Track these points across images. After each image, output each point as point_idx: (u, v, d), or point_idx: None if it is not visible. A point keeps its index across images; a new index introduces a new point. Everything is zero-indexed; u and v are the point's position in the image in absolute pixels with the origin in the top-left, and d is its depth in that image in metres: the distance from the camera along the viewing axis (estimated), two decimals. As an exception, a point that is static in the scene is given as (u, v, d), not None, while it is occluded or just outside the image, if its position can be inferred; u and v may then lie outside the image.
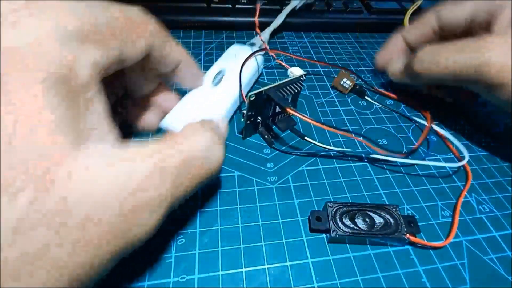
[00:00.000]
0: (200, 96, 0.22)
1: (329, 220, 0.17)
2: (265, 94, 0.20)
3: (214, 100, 0.22)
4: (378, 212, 0.18)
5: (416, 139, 0.24)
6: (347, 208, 0.18)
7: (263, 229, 0.18)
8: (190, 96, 0.22)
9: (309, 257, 0.17)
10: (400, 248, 0.18)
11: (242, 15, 0.35)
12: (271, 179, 0.21)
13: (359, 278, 0.16)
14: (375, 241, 0.17)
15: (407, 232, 0.17)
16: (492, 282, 0.16)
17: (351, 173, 0.21)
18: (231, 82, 0.23)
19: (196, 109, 0.21)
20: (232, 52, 0.27)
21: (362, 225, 0.17)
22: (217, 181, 0.20)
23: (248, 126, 0.22)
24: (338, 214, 0.18)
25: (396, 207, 0.18)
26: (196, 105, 0.21)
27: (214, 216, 0.18)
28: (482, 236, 0.18)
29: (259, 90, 0.20)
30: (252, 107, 0.20)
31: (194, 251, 0.17)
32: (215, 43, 0.34)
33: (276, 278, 0.16)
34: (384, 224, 0.17)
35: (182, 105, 0.21)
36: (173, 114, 0.20)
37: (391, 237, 0.17)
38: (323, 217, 0.18)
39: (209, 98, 0.22)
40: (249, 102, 0.20)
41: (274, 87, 0.20)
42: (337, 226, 0.17)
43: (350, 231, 0.17)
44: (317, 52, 0.34)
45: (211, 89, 0.23)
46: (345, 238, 0.17)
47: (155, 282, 0.15)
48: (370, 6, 0.38)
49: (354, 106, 0.27)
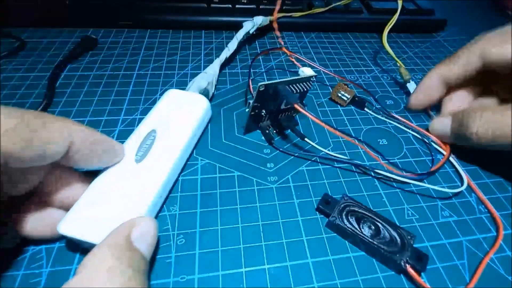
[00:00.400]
0: (115, 180, 0.16)
1: (336, 208, 0.18)
2: (276, 87, 0.20)
3: (135, 185, 0.16)
4: (388, 228, 0.17)
5: (416, 139, 0.24)
6: (360, 209, 0.18)
7: (263, 229, 0.18)
8: (101, 179, 0.16)
9: (309, 257, 0.17)
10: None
11: (242, 15, 0.35)
12: (271, 179, 0.21)
13: (359, 278, 0.16)
14: (370, 249, 0.17)
15: (408, 263, 0.16)
16: (492, 282, 0.16)
17: (351, 173, 0.21)
18: (163, 152, 0.18)
19: (107, 203, 0.15)
20: (166, 103, 0.21)
21: (366, 231, 0.17)
22: (217, 181, 0.20)
23: (251, 117, 0.21)
24: (347, 209, 0.18)
25: (412, 237, 0.17)
26: (108, 196, 0.15)
27: (214, 216, 0.18)
28: (482, 236, 0.18)
29: (270, 82, 0.19)
30: (260, 98, 0.20)
31: (194, 251, 0.17)
32: (215, 43, 0.34)
33: (276, 278, 0.16)
34: (389, 241, 0.17)
35: (88, 197, 0.15)
36: (72, 215, 0.15)
37: (388, 255, 0.16)
38: (333, 203, 0.18)
39: (128, 183, 0.16)
40: (258, 93, 0.19)
41: (285, 82, 0.20)
42: (339, 216, 0.17)
43: (350, 228, 0.17)
44: (317, 52, 0.34)
45: (133, 166, 0.17)
46: (341, 230, 0.17)
47: (155, 282, 0.15)
48: (370, 6, 0.38)
49: (354, 106, 0.27)
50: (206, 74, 0.25)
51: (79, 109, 0.24)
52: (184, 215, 0.18)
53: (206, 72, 0.25)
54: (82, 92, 0.26)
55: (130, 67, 0.29)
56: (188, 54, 0.32)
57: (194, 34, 0.35)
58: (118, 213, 0.15)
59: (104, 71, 0.28)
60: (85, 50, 0.31)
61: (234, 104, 0.26)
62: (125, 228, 0.13)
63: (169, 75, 0.29)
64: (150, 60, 0.30)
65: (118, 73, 0.28)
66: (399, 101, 0.28)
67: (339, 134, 0.20)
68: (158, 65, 0.30)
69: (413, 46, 0.37)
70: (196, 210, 0.18)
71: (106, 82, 0.27)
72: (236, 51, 0.29)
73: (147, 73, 0.29)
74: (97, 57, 0.30)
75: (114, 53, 0.31)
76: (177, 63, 0.30)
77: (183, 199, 0.19)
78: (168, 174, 0.17)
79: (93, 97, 0.25)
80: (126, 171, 0.17)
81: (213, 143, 0.22)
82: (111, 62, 0.30)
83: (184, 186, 0.20)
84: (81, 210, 0.15)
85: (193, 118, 0.21)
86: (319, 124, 0.19)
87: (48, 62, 0.29)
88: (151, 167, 0.17)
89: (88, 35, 0.32)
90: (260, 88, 0.19)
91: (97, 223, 0.14)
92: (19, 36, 0.31)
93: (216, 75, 0.26)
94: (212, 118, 0.24)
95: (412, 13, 0.39)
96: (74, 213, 0.15)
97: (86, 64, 0.29)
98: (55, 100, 0.25)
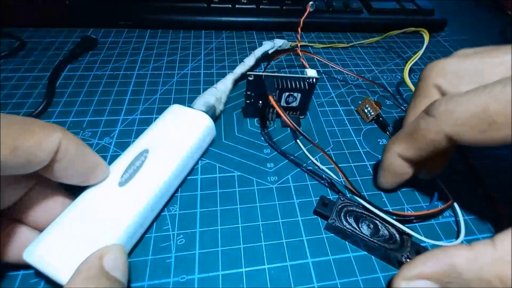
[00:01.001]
0: (93, 204, 0.15)
1: (334, 209, 0.18)
2: (261, 77, 0.21)
3: (113, 211, 0.15)
4: (386, 226, 0.17)
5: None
6: (356, 208, 0.18)
7: (263, 229, 0.18)
8: (79, 202, 0.15)
9: (309, 257, 0.17)
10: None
11: (242, 15, 0.35)
12: (271, 179, 0.21)
13: (359, 278, 0.16)
14: (370, 248, 0.17)
15: (409, 258, 0.16)
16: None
17: (351, 174, 0.21)
18: (150, 175, 0.16)
19: (79, 229, 0.14)
20: (166, 120, 0.20)
21: (365, 230, 0.17)
22: (217, 181, 0.20)
23: (248, 106, 0.22)
24: (345, 209, 0.18)
25: (409, 237, 0.17)
26: (82, 221, 0.14)
27: (214, 216, 0.18)
28: (482, 236, 0.18)
29: (258, 73, 0.20)
30: (250, 87, 0.21)
31: (194, 251, 0.17)
32: (215, 43, 0.34)
33: (276, 278, 0.16)
34: (388, 238, 0.17)
35: (61, 221, 0.14)
36: (41, 241, 0.13)
37: (389, 253, 0.16)
38: (330, 204, 0.18)
39: (106, 208, 0.15)
40: (247, 81, 0.20)
41: (274, 76, 0.21)
42: (337, 217, 0.17)
43: (349, 228, 0.17)
44: (317, 52, 0.34)
45: (115, 189, 0.15)
46: (340, 231, 0.17)
47: (155, 282, 0.15)
48: (370, 6, 0.38)
49: (354, 106, 0.27)
50: (215, 90, 0.23)
51: (79, 109, 0.24)
52: (184, 215, 0.18)
53: (216, 87, 0.23)
54: (82, 92, 0.26)
55: (130, 67, 0.29)
56: (188, 54, 0.32)
57: (194, 34, 0.35)
58: (89, 242, 0.14)
59: (104, 71, 0.28)
60: (85, 50, 0.31)
61: (234, 104, 0.26)
62: (96, 258, 0.12)
63: (169, 75, 0.29)
64: (150, 60, 0.30)
65: (118, 73, 0.28)
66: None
67: (310, 141, 0.19)
68: (158, 65, 0.30)
69: (413, 46, 0.37)
70: (196, 210, 0.18)
71: (106, 82, 0.27)
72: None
73: (147, 73, 0.29)
74: (97, 57, 0.30)
75: (114, 53, 0.31)
76: (177, 63, 0.30)
77: (183, 199, 0.19)
78: (151, 201, 0.16)
79: (93, 97, 0.25)
80: (107, 194, 0.15)
81: (213, 143, 0.22)
82: (111, 62, 0.30)
83: (184, 186, 0.20)
84: (52, 236, 0.14)
85: (191, 138, 0.19)
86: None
87: (48, 62, 0.29)
88: (134, 193, 0.16)
89: (88, 35, 0.32)
90: (249, 78, 0.20)
91: (66, 253, 0.13)
92: (19, 36, 0.31)
93: (227, 91, 0.24)
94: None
95: (412, 13, 0.39)
96: (43, 238, 0.14)
97: (86, 64, 0.29)
98: (55, 100, 0.25)
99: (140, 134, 0.19)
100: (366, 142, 0.24)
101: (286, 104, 0.23)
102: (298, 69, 0.31)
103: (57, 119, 0.23)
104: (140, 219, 0.15)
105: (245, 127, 0.24)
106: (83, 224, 0.14)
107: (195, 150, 0.19)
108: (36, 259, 0.13)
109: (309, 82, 0.22)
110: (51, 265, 0.13)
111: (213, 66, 0.30)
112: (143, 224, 0.16)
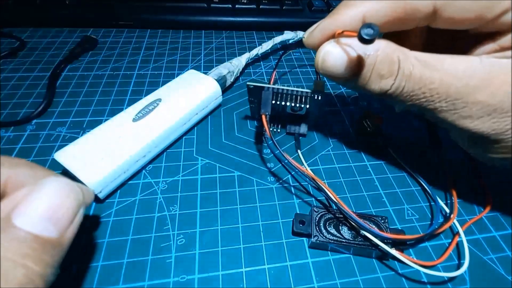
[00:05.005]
0: (111, 131, 0.19)
1: (312, 224, 0.17)
2: (261, 89, 0.19)
3: (126, 139, 0.19)
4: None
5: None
6: (333, 215, 0.18)
7: (263, 229, 0.18)
8: (101, 128, 0.19)
9: (309, 257, 0.17)
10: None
11: (242, 15, 0.35)
12: (271, 179, 0.21)
13: (359, 278, 0.16)
14: (359, 251, 0.17)
15: (393, 247, 0.16)
16: (492, 282, 0.16)
17: (351, 173, 0.21)
18: (159, 117, 0.20)
19: (99, 147, 0.18)
20: (181, 80, 0.24)
21: (347, 234, 0.17)
22: (217, 181, 0.20)
23: (253, 108, 0.22)
24: (322, 220, 0.17)
25: (385, 219, 0.17)
26: (102, 142, 0.19)
27: (214, 216, 0.18)
28: (482, 236, 0.18)
29: (259, 84, 0.19)
30: (252, 94, 0.20)
31: (194, 251, 0.17)
32: (215, 43, 0.34)
33: (276, 278, 0.16)
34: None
35: (86, 138, 0.19)
36: (70, 150, 0.18)
37: (374, 250, 0.16)
38: (307, 221, 0.17)
39: (121, 135, 0.19)
40: (248, 89, 0.20)
41: (274, 88, 0.19)
42: (319, 232, 0.17)
43: (333, 239, 0.17)
44: (317, 52, 0.34)
45: (130, 123, 0.20)
46: (326, 245, 0.17)
47: (155, 282, 0.15)
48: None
49: (354, 106, 0.27)
50: (230, 64, 0.26)
51: (79, 109, 0.24)
52: (184, 215, 0.18)
53: (232, 62, 0.27)
54: (82, 92, 0.26)
55: (130, 67, 0.29)
56: (188, 54, 0.32)
57: (194, 34, 0.35)
58: (107, 155, 0.18)
59: (104, 71, 0.29)
60: (85, 50, 0.31)
61: (234, 104, 0.26)
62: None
63: (169, 75, 0.29)
64: (150, 60, 0.30)
65: (118, 73, 0.28)
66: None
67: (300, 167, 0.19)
68: (158, 65, 0.30)
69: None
70: (196, 210, 0.18)
71: (106, 82, 0.27)
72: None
73: (147, 73, 0.29)
74: (97, 57, 0.30)
75: (114, 53, 0.31)
76: (177, 63, 0.30)
77: (183, 199, 0.19)
78: (156, 138, 0.20)
79: (93, 97, 0.25)
80: (124, 125, 0.20)
81: (213, 143, 0.22)
82: (111, 62, 0.30)
83: (184, 186, 0.20)
84: (79, 146, 0.18)
85: (199, 97, 0.22)
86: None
87: (48, 62, 0.29)
88: (144, 128, 0.20)
89: (88, 35, 0.32)
90: (250, 87, 0.20)
91: (88, 163, 0.17)
92: (19, 36, 0.31)
93: (240, 66, 0.27)
94: (216, 114, 0.24)
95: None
96: (68, 149, 0.18)
97: (86, 64, 0.29)
98: (55, 100, 0.25)
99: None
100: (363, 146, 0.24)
101: (292, 111, 0.21)
102: (309, 69, 0.31)
103: (57, 119, 0.23)
104: (146, 147, 0.19)
105: (245, 127, 0.24)
106: (104, 142, 0.18)
107: (201, 108, 0.23)
108: (66, 160, 0.17)
109: (313, 97, 0.19)
110: (77, 166, 0.16)
111: (213, 66, 0.30)
112: (147, 155, 0.20)
